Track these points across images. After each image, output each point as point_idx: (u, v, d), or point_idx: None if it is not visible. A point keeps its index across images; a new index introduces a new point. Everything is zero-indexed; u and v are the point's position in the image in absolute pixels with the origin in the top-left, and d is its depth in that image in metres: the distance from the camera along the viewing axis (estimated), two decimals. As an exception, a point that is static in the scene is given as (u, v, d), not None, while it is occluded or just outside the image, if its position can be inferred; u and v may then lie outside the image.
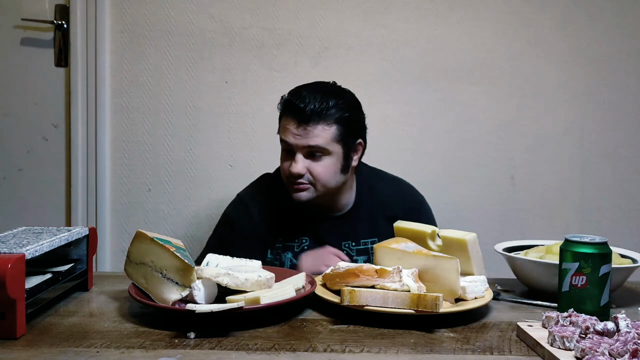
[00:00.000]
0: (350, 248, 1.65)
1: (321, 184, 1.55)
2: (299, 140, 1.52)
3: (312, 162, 1.54)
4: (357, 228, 1.66)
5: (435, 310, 1.06)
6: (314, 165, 1.53)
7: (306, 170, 1.53)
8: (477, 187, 2.27)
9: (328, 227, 1.65)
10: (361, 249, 1.65)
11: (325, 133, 1.52)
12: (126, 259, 1.22)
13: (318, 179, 1.54)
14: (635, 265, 1.28)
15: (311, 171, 1.54)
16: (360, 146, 1.62)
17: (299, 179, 1.53)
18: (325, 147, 1.52)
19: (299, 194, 1.56)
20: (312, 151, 1.53)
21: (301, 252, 1.62)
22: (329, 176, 1.55)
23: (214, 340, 1.00)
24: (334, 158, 1.55)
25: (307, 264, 1.54)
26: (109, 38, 2.21)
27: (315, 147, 1.52)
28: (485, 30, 2.23)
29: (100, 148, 2.22)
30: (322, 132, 1.51)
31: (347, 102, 1.57)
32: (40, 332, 1.03)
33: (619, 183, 2.29)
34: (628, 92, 2.27)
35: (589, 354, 0.88)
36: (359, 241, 1.65)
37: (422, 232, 1.31)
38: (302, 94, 1.53)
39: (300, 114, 1.51)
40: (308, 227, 1.65)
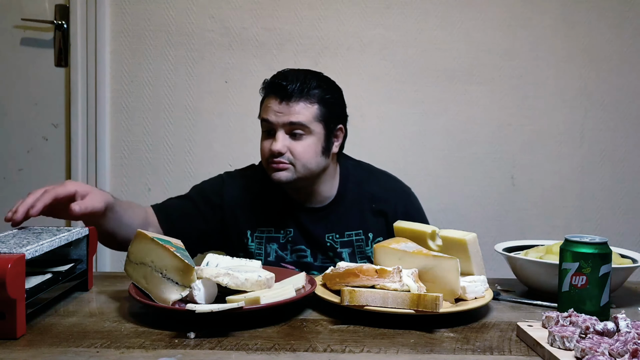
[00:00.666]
0: (334, 240, 1.63)
1: (301, 163, 1.53)
2: (280, 118, 1.51)
3: (293, 141, 1.52)
4: (341, 220, 1.64)
5: (435, 310, 1.06)
6: (295, 144, 1.52)
7: (287, 149, 1.52)
8: (477, 187, 2.27)
9: (312, 219, 1.64)
10: (345, 241, 1.63)
11: (307, 111, 1.52)
12: (126, 259, 1.22)
13: (298, 157, 1.52)
14: (635, 265, 1.28)
15: (292, 150, 1.52)
16: (340, 132, 1.62)
17: (279, 157, 1.51)
18: (307, 124, 1.51)
19: (279, 173, 1.53)
20: (294, 129, 1.51)
21: (287, 244, 1.63)
22: (310, 156, 1.53)
23: (214, 340, 1.00)
24: (315, 138, 1.53)
25: None
26: (109, 38, 2.22)
27: (296, 124, 1.51)
28: (485, 30, 2.23)
29: (100, 148, 2.22)
30: (303, 110, 1.51)
31: (330, 86, 1.59)
32: (40, 332, 1.03)
33: (619, 183, 2.29)
34: (628, 92, 2.27)
35: (589, 354, 0.88)
36: (343, 233, 1.64)
37: (422, 232, 1.31)
38: (285, 74, 1.56)
39: (282, 91, 1.51)
40: (292, 218, 1.64)
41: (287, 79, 1.53)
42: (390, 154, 2.22)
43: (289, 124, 1.51)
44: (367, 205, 1.66)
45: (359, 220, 1.64)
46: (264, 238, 1.64)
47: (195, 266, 1.12)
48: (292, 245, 1.63)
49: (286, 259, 1.62)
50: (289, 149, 1.52)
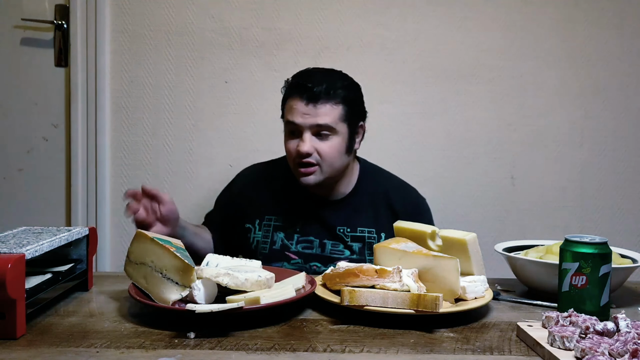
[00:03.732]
0: (345, 234, 1.65)
1: (328, 163, 1.56)
2: (307, 119, 1.53)
3: (319, 142, 1.55)
4: (354, 215, 1.67)
5: (435, 310, 1.06)
6: (321, 145, 1.55)
7: (314, 150, 1.55)
8: (477, 187, 2.27)
9: (326, 210, 1.67)
10: (357, 235, 1.65)
11: (333, 112, 1.54)
12: (126, 259, 1.22)
13: (325, 158, 1.55)
14: (635, 265, 1.29)
15: (319, 150, 1.55)
16: (361, 129, 1.65)
17: (307, 158, 1.54)
18: (333, 126, 1.54)
19: (307, 178, 1.57)
20: (320, 130, 1.54)
21: (294, 234, 1.65)
22: (336, 156, 1.57)
23: (214, 340, 1.00)
24: (340, 138, 1.56)
25: None
26: (109, 38, 2.21)
27: (323, 126, 1.53)
28: (485, 30, 2.23)
29: (100, 148, 2.22)
30: (330, 111, 1.54)
31: (351, 84, 1.62)
32: (40, 332, 1.03)
33: (619, 183, 2.29)
34: (628, 92, 2.27)
35: (589, 354, 0.88)
36: (355, 228, 1.66)
37: (422, 232, 1.31)
38: (310, 75, 1.58)
39: (308, 92, 1.53)
40: (303, 208, 1.67)
41: (312, 79, 1.55)
42: (390, 154, 2.21)
43: (316, 125, 1.54)
44: (383, 203, 1.69)
45: (373, 219, 1.66)
46: (272, 226, 1.66)
47: (195, 266, 1.12)
48: (299, 235, 1.65)
49: (291, 248, 1.64)
50: (315, 149, 1.55)
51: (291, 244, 1.65)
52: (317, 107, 1.53)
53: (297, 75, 1.61)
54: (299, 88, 1.55)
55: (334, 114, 1.54)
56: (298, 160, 1.56)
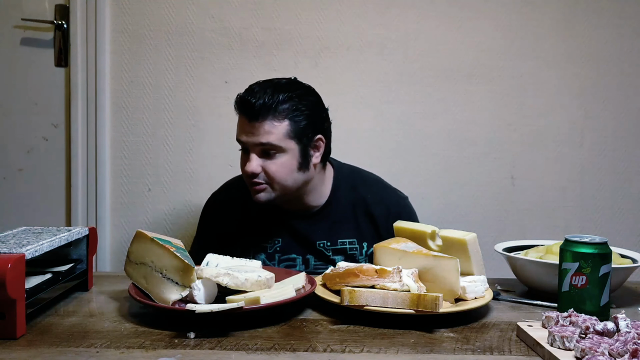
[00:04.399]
0: (325, 248, 1.60)
1: (277, 182, 1.49)
2: (250, 138, 1.46)
3: (267, 161, 1.48)
4: (333, 227, 1.60)
5: (435, 310, 1.06)
6: (268, 164, 1.47)
7: (261, 169, 1.48)
8: (477, 187, 2.27)
9: (303, 225, 1.61)
10: (338, 248, 1.60)
11: (276, 129, 1.45)
12: (126, 259, 1.22)
13: (273, 177, 1.48)
14: (635, 265, 1.29)
15: (266, 170, 1.48)
16: (320, 142, 1.55)
17: (254, 178, 1.48)
18: (277, 144, 1.46)
19: (258, 195, 1.51)
20: (265, 149, 1.47)
21: (274, 253, 1.60)
22: (285, 175, 1.49)
23: (214, 340, 1.00)
24: (289, 155, 1.48)
25: None
26: (109, 38, 2.21)
27: (267, 145, 1.46)
28: (485, 30, 2.23)
29: (100, 148, 2.22)
30: (272, 129, 1.45)
31: (300, 96, 1.50)
32: (40, 332, 1.03)
33: (619, 183, 2.29)
34: (628, 92, 2.27)
35: (589, 354, 0.88)
36: (335, 241, 1.60)
37: (422, 232, 1.31)
38: (254, 89, 1.49)
39: (250, 109, 1.45)
40: (281, 226, 1.61)
41: (254, 95, 1.46)
42: (390, 154, 2.21)
43: (259, 144, 1.46)
44: (361, 211, 1.62)
45: (353, 228, 1.61)
46: (251, 250, 1.60)
47: (195, 266, 1.12)
48: (280, 255, 1.60)
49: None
50: (263, 168, 1.48)
51: (273, 264, 1.59)
52: (257, 125, 1.45)
53: (245, 90, 1.53)
54: (242, 104, 1.49)
55: (277, 132, 1.45)
56: (248, 180, 1.51)
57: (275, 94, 1.46)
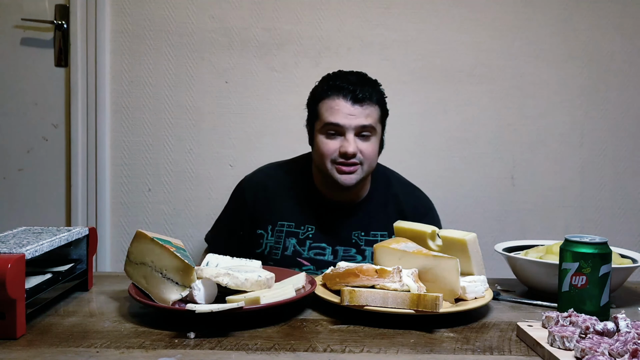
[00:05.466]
0: (359, 237, 1.66)
1: (368, 162, 1.59)
2: (352, 120, 1.55)
3: (361, 142, 1.57)
4: (368, 219, 1.67)
5: (435, 310, 1.06)
6: (364, 145, 1.57)
7: (358, 150, 1.56)
8: (477, 187, 2.27)
9: (338, 216, 1.67)
10: (370, 239, 1.66)
11: (375, 112, 1.58)
12: (126, 259, 1.22)
13: (367, 157, 1.58)
14: (635, 265, 1.28)
15: (362, 150, 1.57)
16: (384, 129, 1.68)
17: (352, 158, 1.56)
18: (374, 125, 1.58)
19: (349, 177, 1.58)
20: (362, 131, 1.56)
21: (306, 240, 1.64)
22: (375, 155, 1.61)
23: (214, 340, 1.00)
24: (377, 138, 1.60)
25: None
26: (109, 38, 2.21)
27: (367, 127, 1.56)
28: (485, 30, 2.23)
29: (100, 148, 2.22)
30: (372, 112, 1.57)
31: (381, 87, 1.65)
32: (40, 332, 1.03)
33: (619, 183, 2.29)
34: (628, 92, 2.27)
35: (589, 354, 0.88)
36: (368, 232, 1.66)
37: (422, 232, 1.31)
38: (349, 78, 1.59)
39: (353, 94, 1.55)
40: (317, 214, 1.66)
41: (353, 82, 1.57)
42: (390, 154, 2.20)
43: (361, 127, 1.56)
44: (392, 208, 1.70)
45: (385, 222, 1.66)
46: (284, 232, 1.65)
47: (195, 266, 1.12)
48: (311, 242, 1.65)
49: (303, 254, 1.63)
50: (358, 149, 1.57)
51: (303, 250, 1.64)
52: (362, 109, 1.55)
53: (333, 77, 1.62)
54: (342, 89, 1.57)
55: (375, 115, 1.58)
56: (341, 160, 1.57)
57: (369, 83, 1.61)
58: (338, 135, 1.57)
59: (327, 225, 1.66)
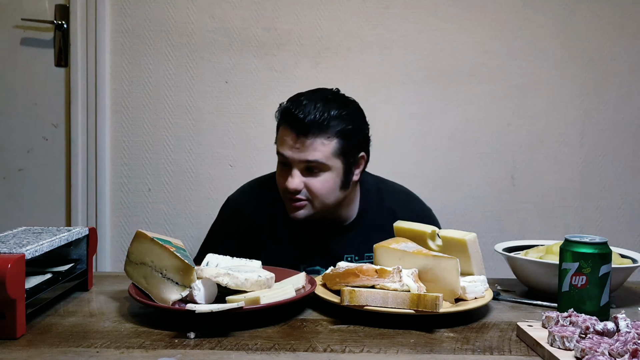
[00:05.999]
0: (353, 261, 1.56)
1: (319, 200, 1.46)
2: (296, 154, 1.42)
3: (310, 178, 1.44)
4: (361, 241, 1.57)
5: (435, 310, 1.06)
6: (312, 181, 1.44)
7: (303, 186, 1.44)
8: (477, 187, 2.27)
9: (328, 238, 1.58)
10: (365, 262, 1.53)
11: (324, 147, 1.41)
12: (126, 259, 1.22)
13: (316, 195, 1.44)
14: (635, 265, 1.28)
15: (308, 187, 1.44)
16: (362, 160, 1.53)
17: (296, 194, 1.44)
18: (324, 162, 1.42)
19: (296, 212, 1.47)
20: (310, 166, 1.43)
21: (300, 264, 1.55)
22: (328, 192, 1.45)
23: (214, 340, 1.00)
24: (333, 173, 1.45)
25: None
26: (109, 38, 2.21)
27: (313, 162, 1.42)
28: (485, 30, 2.23)
29: (100, 148, 2.22)
30: (321, 147, 1.41)
31: (350, 113, 1.47)
32: (40, 332, 1.03)
33: (619, 183, 2.29)
34: (628, 92, 2.27)
35: (589, 354, 0.88)
36: (362, 255, 1.57)
37: (422, 232, 1.31)
38: (302, 103, 1.43)
39: (299, 124, 1.40)
40: (306, 236, 1.57)
41: (303, 109, 1.41)
42: (390, 155, 2.21)
43: (305, 161, 1.42)
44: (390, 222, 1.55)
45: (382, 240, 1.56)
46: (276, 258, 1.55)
47: (195, 266, 1.12)
48: (305, 265, 1.56)
49: None
50: (305, 185, 1.44)
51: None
52: (307, 143, 1.40)
53: (290, 100, 1.47)
54: (290, 117, 1.42)
55: (326, 150, 1.41)
56: (287, 195, 1.46)
57: (326, 110, 1.41)
58: (288, 166, 1.44)
59: (319, 248, 1.56)
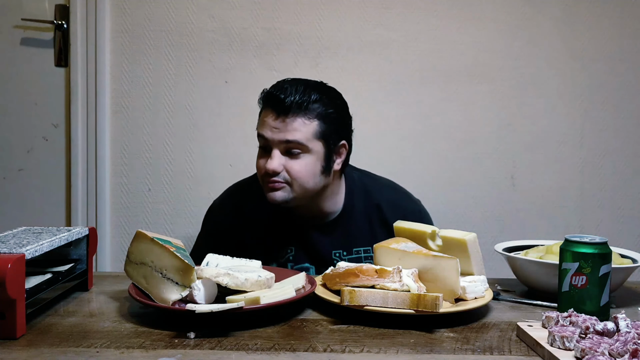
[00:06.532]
0: (341, 257, 1.57)
1: (298, 183, 1.44)
2: (275, 134, 1.41)
3: (290, 160, 1.43)
4: (348, 236, 1.57)
5: (435, 310, 1.06)
6: (291, 163, 1.43)
7: (282, 168, 1.43)
8: (477, 187, 2.27)
9: (317, 235, 1.57)
10: (353, 257, 1.57)
11: (305, 128, 1.41)
12: (126, 259, 1.22)
13: (295, 177, 1.43)
14: (635, 265, 1.28)
15: (288, 169, 1.43)
16: (344, 148, 1.52)
17: (274, 176, 1.43)
18: (305, 143, 1.42)
19: (274, 193, 1.45)
20: (290, 147, 1.42)
21: (287, 263, 1.57)
22: (307, 176, 1.44)
23: (214, 340, 1.00)
24: (313, 157, 1.44)
25: None
26: (109, 38, 2.22)
27: (293, 142, 1.41)
28: (485, 30, 2.23)
29: (100, 148, 2.22)
30: (301, 126, 1.41)
31: (331, 99, 1.48)
32: (40, 332, 1.03)
33: (619, 183, 2.29)
34: (628, 92, 2.27)
35: (589, 354, 0.88)
36: (350, 250, 1.57)
37: (422, 232, 1.31)
38: (284, 86, 1.44)
39: (279, 105, 1.41)
40: (295, 235, 1.57)
41: (285, 91, 1.42)
42: (390, 154, 2.22)
43: (285, 141, 1.42)
44: (376, 218, 1.58)
45: (369, 236, 1.55)
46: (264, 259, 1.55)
47: (195, 266, 1.12)
48: (293, 264, 1.57)
49: None
50: (285, 167, 1.43)
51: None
52: (287, 122, 1.40)
53: (272, 86, 1.48)
54: (271, 99, 1.44)
55: (306, 130, 1.41)
56: (266, 178, 1.44)
57: (307, 92, 1.43)
58: (268, 150, 1.44)
59: (306, 245, 1.56)
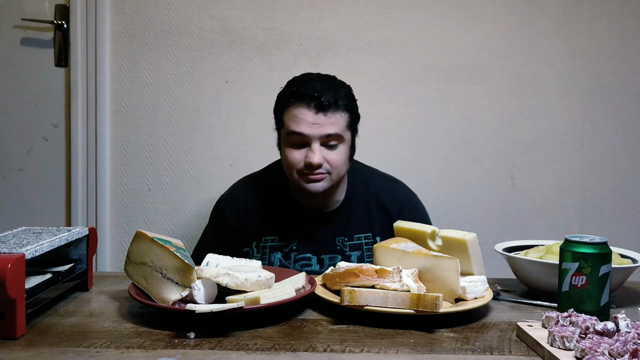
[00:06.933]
0: (343, 243, 1.63)
1: (337, 172, 1.54)
2: (316, 130, 1.49)
3: (328, 151, 1.52)
4: (350, 223, 1.64)
5: (435, 310, 1.06)
6: (331, 154, 1.52)
7: (324, 160, 1.51)
8: (477, 187, 2.27)
9: (321, 224, 1.64)
10: (355, 244, 1.63)
11: (341, 120, 1.52)
12: (126, 259, 1.22)
13: (335, 167, 1.53)
14: (635, 265, 1.28)
15: (328, 160, 1.52)
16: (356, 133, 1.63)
17: (317, 169, 1.51)
18: (342, 134, 1.52)
19: (316, 185, 1.53)
20: (329, 140, 1.51)
21: (290, 252, 1.62)
22: (343, 163, 1.55)
23: (214, 340, 1.00)
24: (346, 146, 1.55)
25: None
26: (109, 38, 2.21)
27: (334, 135, 1.50)
28: (485, 30, 2.23)
29: (100, 148, 2.22)
30: (339, 120, 1.51)
31: (350, 90, 1.59)
32: (40, 332, 1.03)
33: (619, 183, 2.29)
34: (628, 92, 2.27)
35: (589, 354, 0.88)
36: (352, 236, 1.64)
37: (422, 232, 1.31)
38: (312, 83, 1.52)
39: (316, 102, 1.48)
40: (298, 226, 1.63)
41: (317, 88, 1.50)
42: (390, 154, 2.21)
43: (326, 136, 1.50)
44: (375, 206, 1.66)
45: (368, 223, 1.64)
46: (268, 247, 1.63)
47: (195, 266, 1.12)
48: (296, 254, 1.62)
49: (289, 267, 1.61)
50: (325, 159, 1.52)
51: (289, 263, 1.62)
52: (327, 117, 1.49)
53: (297, 83, 1.55)
54: (305, 97, 1.49)
55: (342, 123, 1.52)
56: (307, 171, 1.52)
57: (336, 88, 1.53)
58: (303, 144, 1.52)
59: (310, 235, 1.63)
